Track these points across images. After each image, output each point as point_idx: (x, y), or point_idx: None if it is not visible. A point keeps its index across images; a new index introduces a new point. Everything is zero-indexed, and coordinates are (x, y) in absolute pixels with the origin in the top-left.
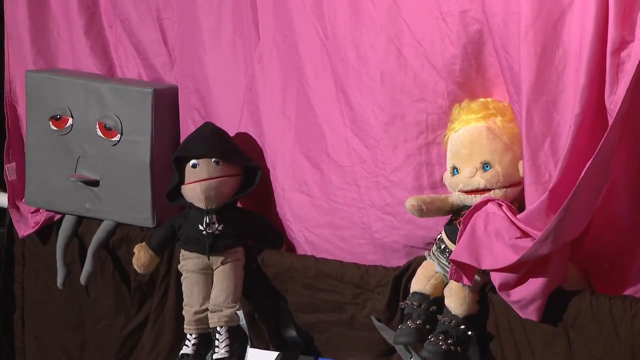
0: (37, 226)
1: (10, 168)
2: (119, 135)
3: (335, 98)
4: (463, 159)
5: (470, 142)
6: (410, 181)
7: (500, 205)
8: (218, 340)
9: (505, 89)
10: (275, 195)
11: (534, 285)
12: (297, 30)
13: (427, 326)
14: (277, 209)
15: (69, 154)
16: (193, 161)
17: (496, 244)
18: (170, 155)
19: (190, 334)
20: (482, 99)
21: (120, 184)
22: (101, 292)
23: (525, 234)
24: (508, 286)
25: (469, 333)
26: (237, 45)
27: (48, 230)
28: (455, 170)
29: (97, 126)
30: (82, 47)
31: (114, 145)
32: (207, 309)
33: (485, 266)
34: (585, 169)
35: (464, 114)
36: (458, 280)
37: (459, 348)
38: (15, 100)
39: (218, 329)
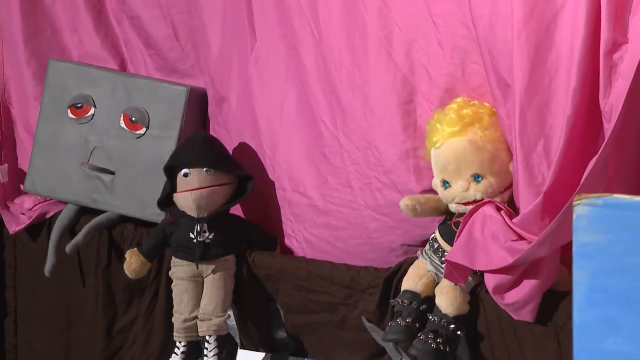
0: (30, 220)
1: (2, 170)
2: (144, 129)
3: (327, 99)
4: (452, 174)
5: (456, 158)
6: (400, 183)
7: (499, 209)
8: (207, 349)
9: (491, 93)
10: (276, 194)
11: (527, 287)
12: (297, 30)
13: (417, 324)
14: (279, 207)
15: (85, 143)
16: (184, 170)
17: (492, 246)
18: None
19: (180, 342)
20: (453, 105)
21: (138, 178)
22: (90, 293)
23: (521, 237)
24: (503, 289)
25: (459, 332)
26: (228, 47)
27: (39, 232)
28: (446, 183)
29: (122, 118)
30: (92, 44)
31: (137, 138)
32: (196, 317)
33: (478, 267)
34: (585, 174)
35: (439, 126)
36: (453, 280)
37: (447, 347)
38: (9, 101)
39: (207, 337)
